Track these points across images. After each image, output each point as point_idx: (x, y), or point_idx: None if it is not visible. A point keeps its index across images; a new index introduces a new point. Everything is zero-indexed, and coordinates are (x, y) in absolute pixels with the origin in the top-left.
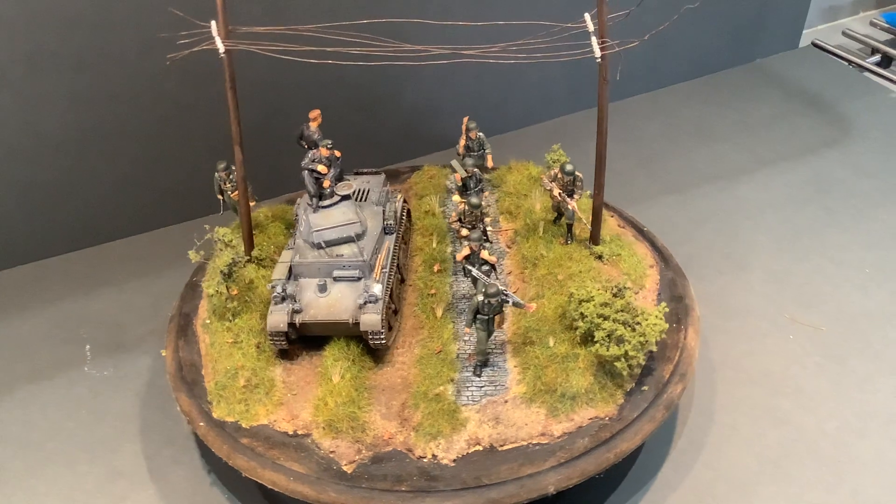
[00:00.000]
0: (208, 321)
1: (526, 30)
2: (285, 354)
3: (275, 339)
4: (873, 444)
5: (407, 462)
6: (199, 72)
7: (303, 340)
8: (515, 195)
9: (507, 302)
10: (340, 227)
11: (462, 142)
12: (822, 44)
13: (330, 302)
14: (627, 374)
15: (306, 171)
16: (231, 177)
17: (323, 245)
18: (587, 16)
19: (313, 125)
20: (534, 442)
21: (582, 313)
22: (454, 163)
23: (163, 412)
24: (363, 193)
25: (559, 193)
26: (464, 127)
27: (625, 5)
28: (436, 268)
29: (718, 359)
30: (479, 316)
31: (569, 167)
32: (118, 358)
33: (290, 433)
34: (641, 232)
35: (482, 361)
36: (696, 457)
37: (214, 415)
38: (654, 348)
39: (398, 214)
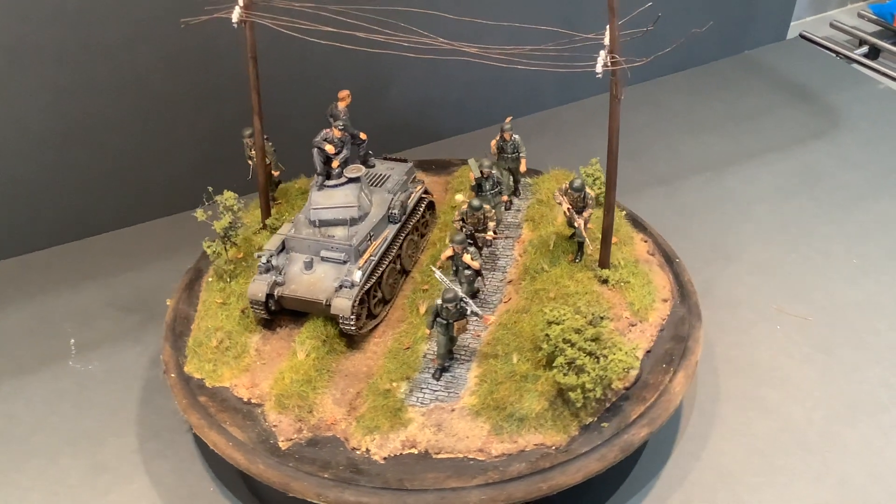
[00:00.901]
0: (210, 279)
1: (538, 34)
2: (268, 324)
3: (254, 306)
4: (860, 433)
5: (340, 451)
6: (185, 64)
7: (290, 314)
8: (546, 204)
9: (467, 310)
10: (337, 208)
11: (495, 141)
12: (810, 35)
13: (312, 280)
14: (582, 406)
15: (315, 149)
16: (269, 142)
17: (317, 224)
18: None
19: (341, 105)
20: (469, 456)
21: (548, 335)
22: (471, 161)
23: (148, 406)
24: (382, 179)
25: (567, 209)
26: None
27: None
28: (437, 264)
29: (705, 349)
30: (438, 320)
31: (577, 183)
32: (103, 352)
33: (245, 400)
34: (670, 262)
35: (441, 366)
36: (681, 447)
37: (185, 368)
38: (618, 385)
39: (407, 205)
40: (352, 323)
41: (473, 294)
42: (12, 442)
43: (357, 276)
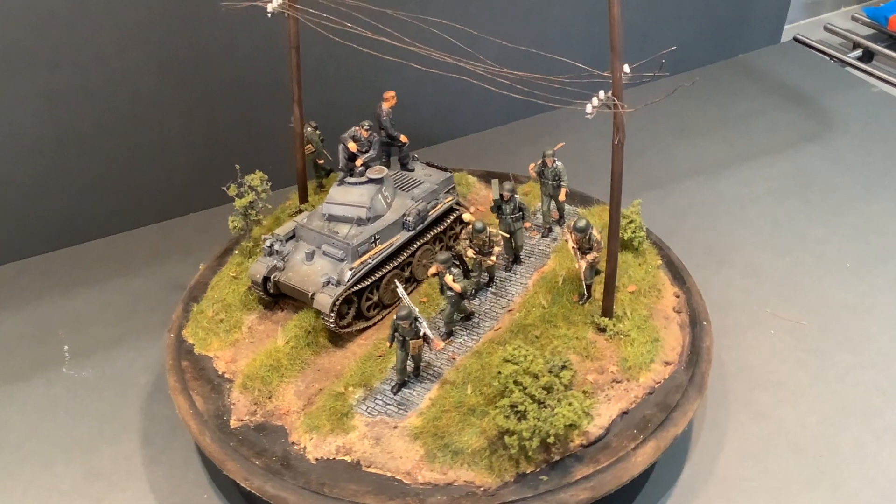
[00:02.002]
0: (235, 253)
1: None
2: (270, 305)
3: (254, 286)
4: (854, 437)
5: (280, 442)
6: (177, 69)
7: (295, 300)
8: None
9: (419, 330)
10: (348, 206)
11: (534, 165)
12: (804, 39)
13: (308, 271)
14: (518, 453)
15: (341, 144)
16: (317, 132)
17: (327, 218)
18: (627, 67)
19: (385, 105)
20: (396, 477)
21: (500, 372)
22: (494, 181)
23: (142, 412)
24: (413, 184)
25: (572, 248)
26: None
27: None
28: (424, 278)
29: None
30: (396, 335)
31: (581, 223)
32: (96, 358)
33: (220, 373)
34: (694, 324)
35: (399, 381)
36: (672, 450)
37: (183, 332)
38: (574, 441)
39: (427, 214)
40: (331, 320)
41: (467, 315)
42: (6, 449)
43: (347, 275)
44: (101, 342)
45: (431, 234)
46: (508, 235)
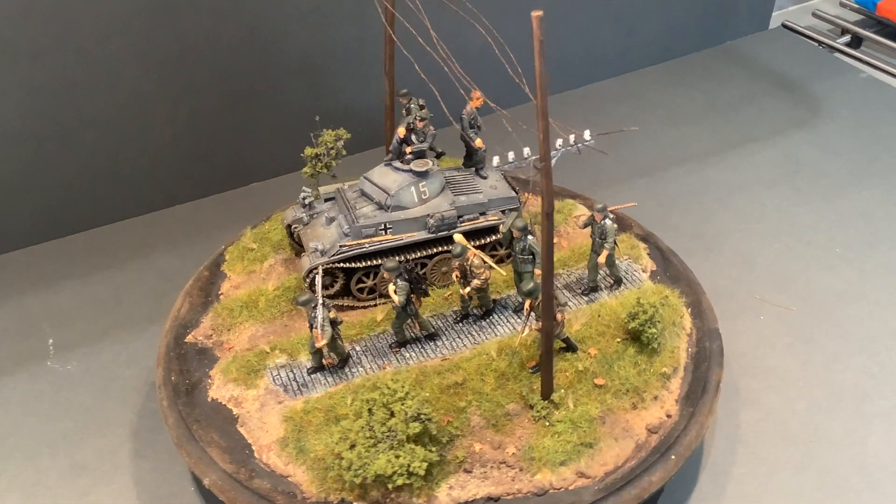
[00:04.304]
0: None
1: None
2: (299, 253)
3: (287, 228)
4: (843, 423)
5: (204, 370)
6: (159, 59)
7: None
8: (603, 318)
9: (316, 318)
10: (377, 188)
11: (586, 217)
12: (793, 25)
13: (319, 233)
14: (333, 475)
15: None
16: (410, 104)
17: (360, 192)
18: (588, 132)
19: (470, 105)
20: (251, 447)
21: (356, 393)
22: (513, 213)
23: (127, 406)
24: (467, 190)
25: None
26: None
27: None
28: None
29: None
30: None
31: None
32: (81, 352)
33: (220, 292)
34: (662, 452)
35: (314, 365)
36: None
37: (222, 267)
38: (358, 480)
39: (454, 223)
40: (305, 284)
41: (430, 335)
42: None
43: (334, 249)
44: (86, 335)
45: (472, 243)
46: (493, 268)
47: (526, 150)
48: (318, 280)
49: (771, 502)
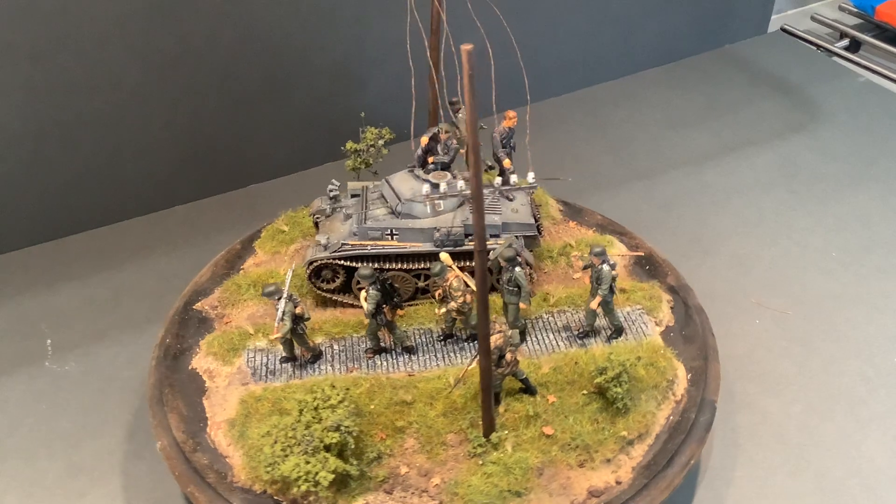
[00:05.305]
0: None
1: None
2: None
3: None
4: (838, 426)
5: (197, 339)
6: (159, 60)
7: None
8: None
9: (278, 311)
10: (392, 193)
11: (579, 254)
12: (791, 29)
13: (335, 227)
14: (255, 464)
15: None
16: (459, 114)
17: (380, 194)
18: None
19: (504, 124)
20: (205, 420)
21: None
22: (503, 241)
23: (124, 407)
24: (489, 209)
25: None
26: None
27: None
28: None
29: None
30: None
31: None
32: (79, 352)
33: (243, 266)
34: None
35: (286, 355)
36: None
37: (266, 226)
38: (266, 476)
39: (460, 240)
40: (307, 273)
41: (407, 348)
42: None
43: (335, 246)
44: (85, 336)
45: (466, 263)
46: (473, 293)
47: (460, 183)
48: (289, 275)
49: None
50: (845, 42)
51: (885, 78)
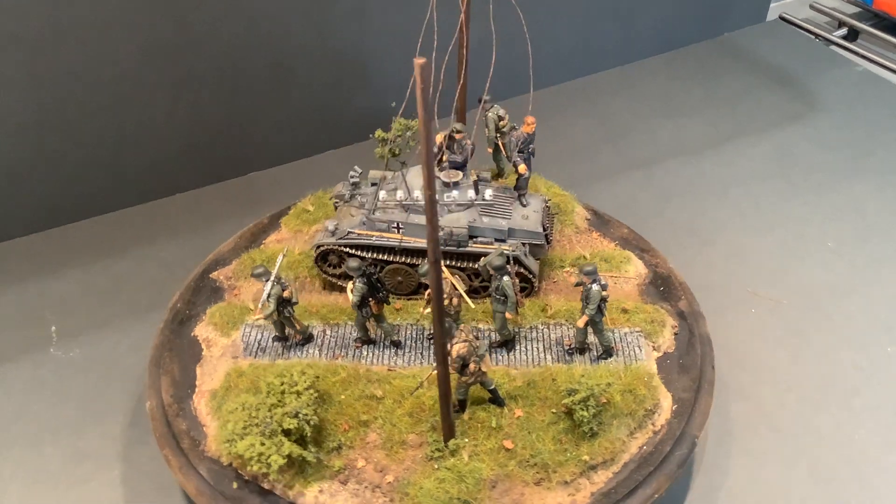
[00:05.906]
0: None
1: None
2: None
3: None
4: (832, 416)
5: (205, 307)
6: (161, 49)
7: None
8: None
9: (264, 291)
10: (406, 188)
11: (573, 269)
12: (790, 17)
13: (348, 214)
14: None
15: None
16: (489, 112)
17: (395, 186)
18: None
19: (523, 129)
20: (194, 388)
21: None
22: (495, 250)
23: (128, 393)
24: (496, 213)
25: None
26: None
27: None
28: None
29: None
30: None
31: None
32: (84, 339)
33: (263, 242)
34: None
35: (278, 333)
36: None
37: (294, 206)
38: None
39: (463, 241)
40: (314, 257)
41: (394, 342)
42: None
43: (341, 233)
44: (89, 323)
45: (468, 264)
46: (462, 297)
47: (470, 192)
48: (280, 258)
49: (761, 494)
50: (843, 31)
51: (882, 67)
